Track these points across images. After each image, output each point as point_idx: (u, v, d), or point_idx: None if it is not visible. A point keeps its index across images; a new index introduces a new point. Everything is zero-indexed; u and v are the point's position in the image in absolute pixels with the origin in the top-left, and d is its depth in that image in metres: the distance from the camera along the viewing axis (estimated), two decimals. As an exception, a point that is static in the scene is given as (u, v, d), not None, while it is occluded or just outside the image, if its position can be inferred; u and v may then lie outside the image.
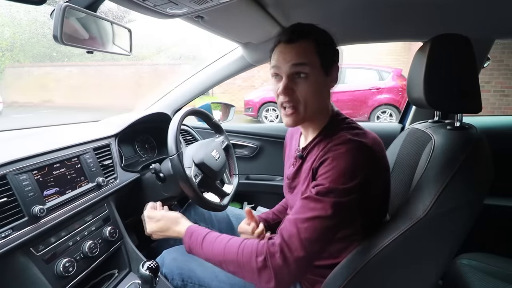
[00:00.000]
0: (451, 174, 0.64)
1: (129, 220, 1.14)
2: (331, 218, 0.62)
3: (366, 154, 0.66)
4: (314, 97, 0.70)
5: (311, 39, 0.69)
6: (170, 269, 0.88)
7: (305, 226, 0.62)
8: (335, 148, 0.65)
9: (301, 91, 0.69)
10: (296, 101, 0.70)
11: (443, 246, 0.69)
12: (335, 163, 0.63)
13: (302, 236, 0.61)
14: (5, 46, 6.75)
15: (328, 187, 0.62)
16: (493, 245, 1.15)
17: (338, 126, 0.73)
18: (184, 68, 8.91)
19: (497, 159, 0.73)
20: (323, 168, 0.65)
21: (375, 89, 5.75)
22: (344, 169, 0.62)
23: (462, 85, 0.69)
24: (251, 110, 6.58)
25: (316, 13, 1.06)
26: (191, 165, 1.08)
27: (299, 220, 0.63)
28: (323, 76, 0.71)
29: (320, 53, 0.69)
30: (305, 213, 0.63)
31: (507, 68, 5.42)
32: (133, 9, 0.73)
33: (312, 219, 0.62)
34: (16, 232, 0.68)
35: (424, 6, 1.00)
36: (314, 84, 0.69)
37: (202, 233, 0.74)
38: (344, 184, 0.62)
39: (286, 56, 0.69)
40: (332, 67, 0.72)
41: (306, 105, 0.70)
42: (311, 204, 0.63)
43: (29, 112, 6.56)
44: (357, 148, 0.65)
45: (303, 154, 0.77)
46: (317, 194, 0.63)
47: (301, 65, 0.68)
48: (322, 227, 0.62)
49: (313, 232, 0.61)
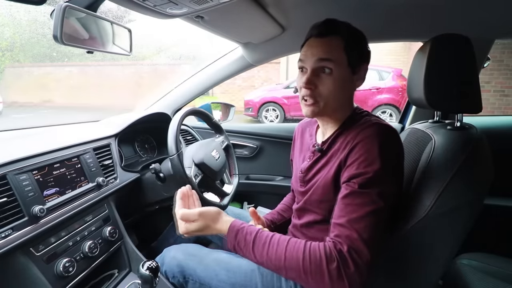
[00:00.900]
0: (451, 174, 0.64)
1: (129, 220, 1.14)
2: (383, 208, 0.60)
3: (395, 136, 0.66)
4: (336, 94, 0.70)
5: (340, 35, 0.68)
6: (171, 267, 0.88)
7: (362, 226, 0.59)
8: (363, 133, 0.64)
9: (324, 87, 0.69)
10: (317, 95, 0.70)
11: (443, 246, 0.69)
12: (367, 147, 0.62)
13: (365, 237, 0.58)
14: (5, 46, 6.75)
15: (369, 177, 0.60)
16: (493, 245, 1.15)
17: (360, 119, 0.72)
18: (184, 68, 8.91)
19: (497, 159, 0.73)
20: (354, 154, 0.63)
21: (375, 89, 5.75)
22: (378, 151, 0.61)
23: (462, 85, 0.69)
24: (251, 110, 6.58)
25: (316, 13, 1.06)
26: (191, 165, 1.08)
27: (353, 220, 0.59)
28: (349, 74, 0.70)
29: (348, 51, 0.68)
30: (357, 212, 0.60)
31: (507, 68, 5.42)
32: (133, 9, 0.73)
33: (367, 215, 0.59)
34: (16, 232, 0.68)
35: (424, 6, 1.00)
36: (338, 81, 0.69)
37: (250, 231, 0.66)
38: (382, 167, 0.60)
39: (314, 50, 0.69)
40: (360, 66, 0.71)
41: (328, 101, 0.70)
42: (358, 199, 0.61)
43: (29, 112, 6.56)
44: (385, 130, 0.65)
45: (323, 148, 0.75)
46: (360, 187, 0.61)
47: (326, 60, 0.68)
48: (378, 220, 0.60)
49: (373, 229, 0.59)
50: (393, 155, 0.64)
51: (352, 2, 0.98)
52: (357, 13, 1.07)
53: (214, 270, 0.83)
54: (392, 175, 0.64)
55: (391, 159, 0.63)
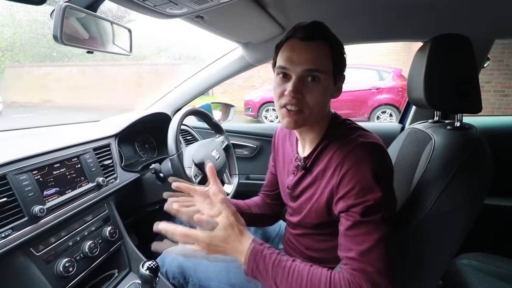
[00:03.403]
0: (451, 174, 0.64)
1: (129, 220, 1.14)
2: (388, 231, 0.58)
3: (383, 152, 0.63)
4: (321, 104, 0.66)
5: (327, 41, 0.64)
6: (171, 268, 0.88)
7: (374, 257, 0.56)
8: (351, 156, 0.61)
9: (311, 96, 0.63)
10: (303, 105, 0.64)
11: (443, 246, 0.69)
12: (361, 174, 0.59)
13: (379, 267, 0.56)
14: (5, 46, 6.75)
15: (370, 205, 0.57)
16: (493, 245, 1.15)
17: (341, 130, 0.69)
18: (184, 68, 8.91)
19: (497, 159, 0.73)
20: (348, 183, 0.60)
21: (375, 89, 5.75)
22: (373, 177, 0.58)
23: (462, 85, 0.69)
24: (251, 110, 6.58)
25: (316, 13, 1.06)
26: (191, 165, 1.08)
27: (364, 252, 0.57)
28: (332, 84, 0.66)
29: (334, 59, 0.65)
30: (365, 242, 0.57)
31: (507, 68, 5.42)
32: (133, 9, 0.73)
33: (376, 244, 0.57)
34: (16, 232, 0.68)
35: (424, 6, 1.00)
36: (324, 90, 0.64)
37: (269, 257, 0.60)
38: (381, 192, 0.58)
39: (301, 57, 0.63)
40: (341, 76, 0.68)
41: (312, 111, 0.65)
42: (362, 229, 0.58)
43: (29, 112, 6.55)
44: (374, 149, 0.62)
45: (306, 164, 0.72)
46: (363, 216, 0.58)
47: (316, 71, 0.63)
48: (387, 244, 0.57)
49: (385, 255, 0.57)
50: (387, 174, 0.62)
51: (352, 2, 0.98)
52: (357, 13, 1.07)
53: (214, 271, 0.83)
54: (391, 195, 0.62)
55: (386, 180, 0.61)
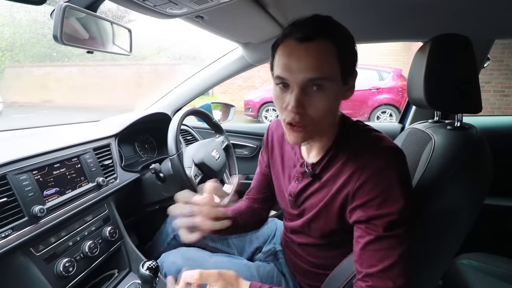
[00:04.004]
0: (451, 174, 0.64)
1: (129, 220, 1.14)
2: (410, 244, 0.55)
3: (405, 158, 0.58)
4: (328, 113, 0.57)
5: (332, 39, 0.54)
6: (170, 272, 0.88)
7: (397, 273, 0.53)
8: (373, 163, 0.55)
9: (315, 107, 0.55)
10: (307, 119, 0.56)
11: (443, 246, 0.69)
12: (385, 183, 0.54)
13: (400, 283, 0.53)
14: (5, 46, 6.75)
15: (394, 219, 0.53)
16: (493, 245, 1.15)
17: (354, 133, 0.63)
18: (184, 68, 8.91)
19: (497, 159, 0.73)
20: (370, 191, 0.55)
21: (375, 89, 5.75)
22: (400, 187, 0.54)
23: (462, 85, 0.69)
24: (251, 110, 6.57)
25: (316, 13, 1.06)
26: (191, 165, 1.08)
27: (387, 269, 0.53)
28: (340, 86, 0.57)
29: (341, 58, 0.54)
30: (388, 258, 0.53)
31: (507, 68, 5.42)
32: (133, 9, 0.73)
33: (399, 260, 0.53)
34: (16, 232, 0.68)
35: (424, 6, 0.99)
36: (331, 98, 0.55)
37: None
38: (405, 203, 0.54)
39: (301, 62, 0.53)
40: (352, 74, 0.59)
41: (318, 123, 0.57)
42: (385, 243, 0.54)
43: (29, 112, 6.56)
44: (398, 155, 0.57)
45: (315, 171, 0.65)
46: (386, 231, 0.54)
47: (319, 79, 0.53)
48: (408, 259, 0.54)
49: (406, 269, 0.54)
50: (410, 181, 0.58)
51: (352, 2, 0.98)
52: (357, 13, 1.07)
53: None
54: (413, 204, 0.57)
55: (410, 188, 0.57)
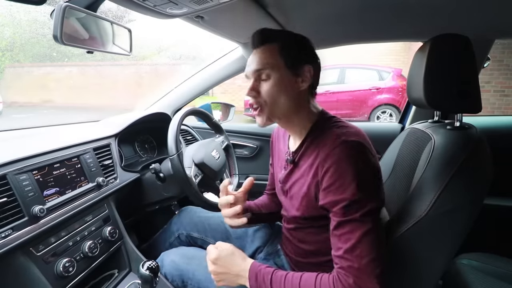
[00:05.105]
0: (451, 174, 0.64)
1: (129, 220, 1.14)
2: (372, 227, 0.60)
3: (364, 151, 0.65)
4: (279, 97, 0.71)
5: (274, 42, 0.71)
6: (170, 271, 0.88)
7: (359, 253, 0.59)
8: (332, 155, 0.63)
9: (264, 92, 0.71)
10: (260, 102, 0.72)
11: (443, 246, 0.69)
12: (340, 171, 0.62)
13: (364, 262, 0.59)
14: (5, 46, 6.75)
15: (348, 203, 0.60)
16: (493, 245, 1.15)
17: (326, 126, 0.71)
18: (184, 68, 8.91)
19: (497, 159, 0.73)
20: (329, 179, 0.63)
21: (375, 89, 5.75)
22: (352, 175, 0.61)
23: (462, 85, 0.69)
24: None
25: (316, 13, 1.06)
26: (191, 165, 1.08)
27: (349, 250, 0.60)
28: (289, 76, 0.71)
29: (284, 54, 0.70)
30: (350, 240, 0.60)
31: (507, 68, 5.42)
32: (133, 9, 0.73)
33: (359, 241, 0.60)
34: (16, 232, 0.68)
35: (424, 6, 0.99)
36: (277, 85, 0.70)
37: (268, 272, 0.68)
38: (359, 189, 0.60)
39: (251, 61, 0.73)
40: (302, 67, 0.72)
41: (272, 105, 0.72)
42: (346, 227, 0.61)
43: (29, 112, 6.56)
44: (353, 148, 0.64)
45: (295, 159, 0.76)
46: (344, 216, 0.61)
47: (261, 70, 0.71)
48: (372, 240, 0.60)
49: (371, 250, 0.59)
50: (367, 171, 0.63)
51: (352, 2, 0.98)
52: (357, 13, 1.07)
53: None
54: (372, 190, 0.63)
55: (366, 177, 0.62)
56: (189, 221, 1.11)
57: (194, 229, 1.09)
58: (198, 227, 1.09)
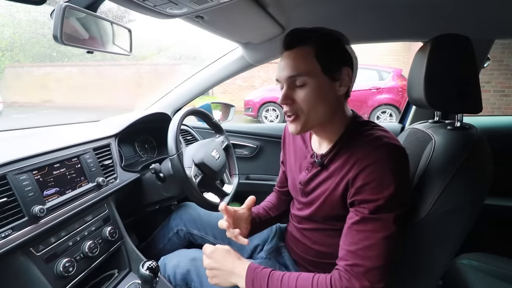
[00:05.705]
0: (451, 174, 0.64)
1: (129, 220, 1.14)
2: (395, 232, 0.59)
3: (405, 156, 0.64)
4: (316, 105, 0.67)
5: (310, 44, 0.66)
6: (173, 275, 0.87)
7: (375, 254, 0.58)
8: (374, 154, 0.61)
9: (300, 100, 0.67)
10: (296, 110, 0.68)
11: (443, 246, 0.69)
12: (380, 171, 0.60)
13: (378, 264, 0.58)
14: (5, 46, 6.75)
15: (381, 204, 0.59)
16: (493, 245, 1.15)
17: (363, 130, 0.69)
18: (184, 68, 8.91)
19: (497, 159, 0.73)
20: (365, 177, 0.61)
21: (375, 89, 5.75)
22: (392, 177, 0.59)
23: (463, 85, 0.69)
24: (251, 110, 6.57)
25: (316, 13, 1.06)
26: (191, 165, 1.08)
27: (366, 248, 0.59)
28: (326, 82, 0.66)
29: (321, 59, 0.65)
30: (369, 239, 0.59)
31: (507, 68, 5.42)
32: (133, 9, 0.73)
33: (379, 243, 0.59)
34: (16, 232, 0.68)
35: (424, 6, 0.99)
36: (314, 92, 0.66)
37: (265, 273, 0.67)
38: (395, 192, 0.59)
39: (284, 65, 0.67)
40: (339, 70, 0.67)
41: (308, 113, 0.67)
42: (370, 225, 0.60)
43: (29, 112, 6.56)
44: (397, 151, 0.62)
45: (323, 161, 0.72)
46: (371, 213, 0.60)
47: (296, 76, 0.66)
48: (391, 246, 0.59)
49: (386, 255, 0.59)
50: (405, 177, 0.63)
51: (352, 2, 0.98)
52: (357, 13, 1.07)
53: None
54: (406, 196, 0.63)
55: (403, 182, 0.62)
56: (189, 218, 1.11)
57: (194, 226, 1.09)
58: (197, 224, 1.09)
